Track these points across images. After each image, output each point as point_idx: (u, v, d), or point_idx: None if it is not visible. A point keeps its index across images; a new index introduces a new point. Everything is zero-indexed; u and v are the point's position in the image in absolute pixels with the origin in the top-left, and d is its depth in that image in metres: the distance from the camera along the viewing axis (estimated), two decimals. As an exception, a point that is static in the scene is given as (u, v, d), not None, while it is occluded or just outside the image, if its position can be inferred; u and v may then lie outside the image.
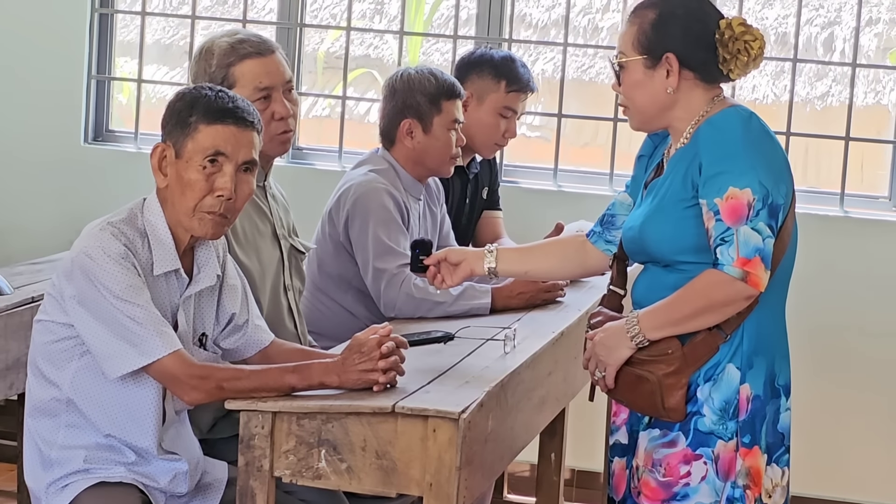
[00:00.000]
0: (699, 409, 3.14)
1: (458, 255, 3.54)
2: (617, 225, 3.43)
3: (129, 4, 6.00)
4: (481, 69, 4.64)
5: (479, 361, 3.35)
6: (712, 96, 3.22)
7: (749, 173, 3.06)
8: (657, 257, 3.21)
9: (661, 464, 3.17)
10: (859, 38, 5.49)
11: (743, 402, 3.14)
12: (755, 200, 3.04)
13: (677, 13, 3.19)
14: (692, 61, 3.18)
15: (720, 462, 3.14)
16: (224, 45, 3.61)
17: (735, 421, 3.14)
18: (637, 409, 3.23)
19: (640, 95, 3.22)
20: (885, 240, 5.28)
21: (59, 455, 3.11)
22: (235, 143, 3.11)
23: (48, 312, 3.11)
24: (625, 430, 3.31)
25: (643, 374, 3.14)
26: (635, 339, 3.13)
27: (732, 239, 3.03)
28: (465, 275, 3.52)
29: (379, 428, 2.91)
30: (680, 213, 3.14)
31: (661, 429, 3.18)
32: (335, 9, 6.56)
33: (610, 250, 3.44)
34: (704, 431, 3.14)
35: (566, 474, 4.79)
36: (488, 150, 4.72)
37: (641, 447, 3.22)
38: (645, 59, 3.19)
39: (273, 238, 3.70)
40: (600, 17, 6.41)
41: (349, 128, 5.86)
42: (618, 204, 3.46)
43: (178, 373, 3.01)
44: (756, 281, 3.03)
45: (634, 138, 3.54)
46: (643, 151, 3.40)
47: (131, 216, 3.12)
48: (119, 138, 5.88)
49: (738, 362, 3.14)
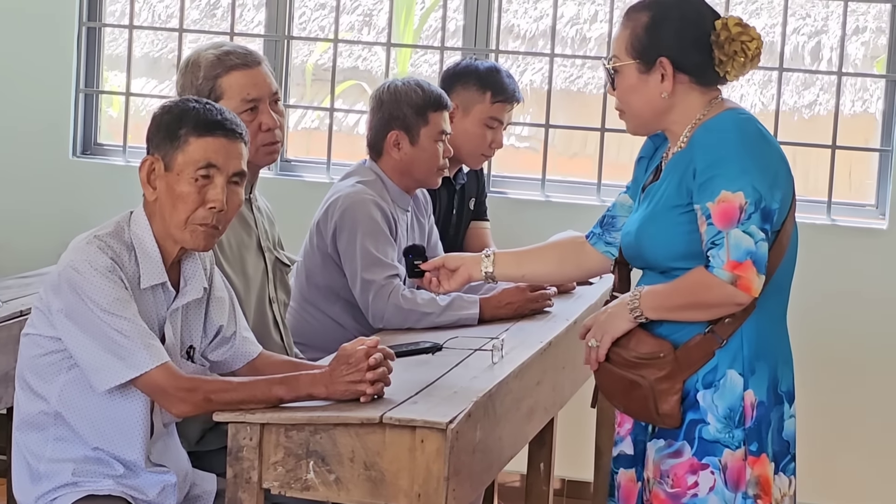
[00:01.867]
0: (703, 417, 3.09)
1: (455, 261, 3.52)
2: (617, 227, 3.39)
3: (117, 18, 6.00)
4: (466, 80, 4.64)
5: (467, 372, 3.35)
6: (709, 99, 3.17)
7: (742, 177, 3.01)
8: (653, 263, 3.18)
9: (669, 475, 3.12)
10: (846, 47, 5.51)
11: (748, 409, 3.09)
12: (747, 204, 3.00)
13: (670, 16, 3.14)
14: (686, 65, 3.14)
15: (729, 471, 3.08)
16: (210, 58, 3.61)
17: (741, 429, 3.08)
18: (632, 414, 3.19)
19: (635, 100, 3.18)
20: (871, 248, 5.29)
21: (48, 468, 3.11)
22: (226, 155, 3.11)
23: (36, 326, 3.11)
24: (629, 440, 3.26)
25: (635, 379, 3.10)
26: (634, 312, 3.10)
27: (723, 242, 2.99)
28: (463, 280, 3.50)
29: (367, 439, 2.91)
30: (674, 219, 3.10)
31: (666, 438, 3.13)
32: (323, 21, 6.57)
33: (610, 252, 3.40)
34: (709, 440, 3.09)
35: (555, 484, 4.80)
36: (475, 161, 4.72)
37: (650, 458, 3.17)
38: (638, 64, 3.14)
39: (258, 250, 3.70)
40: (588, 27, 6.42)
41: (337, 140, 5.87)
42: (618, 205, 3.42)
43: (165, 385, 3.01)
44: (747, 285, 2.99)
45: (623, 148, 3.55)
46: (643, 153, 3.35)
47: (118, 229, 3.12)
48: (107, 152, 5.88)
49: (739, 368, 3.08)
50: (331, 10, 6.26)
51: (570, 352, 3.99)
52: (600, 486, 4.92)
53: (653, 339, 3.10)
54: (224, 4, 6.45)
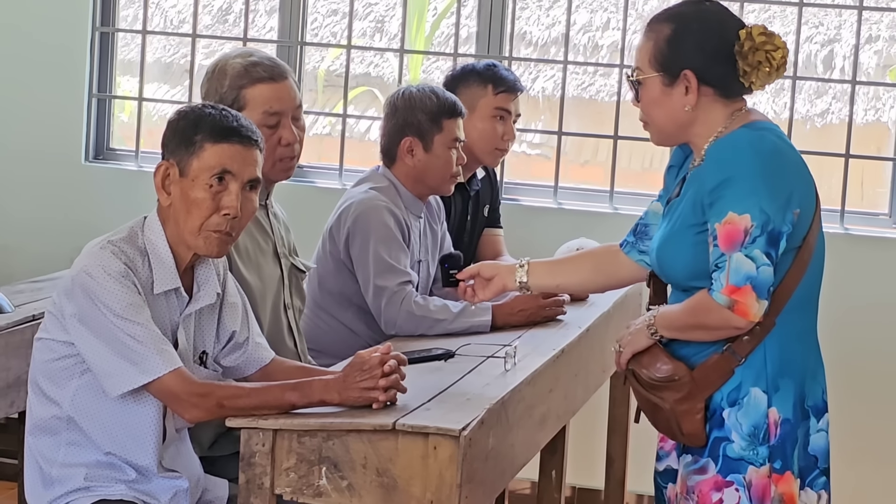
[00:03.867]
0: (727, 435, 3.08)
1: (490, 270, 3.50)
2: (650, 235, 3.34)
3: (129, 23, 6.01)
4: (466, 80, 4.63)
5: (479, 379, 3.35)
6: (732, 111, 3.12)
7: (750, 198, 2.97)
8: (673, 281, 3.18)
9: (695, 491, 3.12)
10: (859, 56, 5.50)
11: (772, 427, 3.07)
12: (753, 227, 2.97)
13: (692, 27, 3.10)
14: (710, 77, 3.09)
15: (753, 489, 3.07)
16: (238, 67, 3.60)
17: (766, 446, 3.07)
18: (663, 432, 3.21)
19: (658, 113, 3.15)
20: (885, 257, 5.28)
21: (60, 473, 3.11)
22: (241, 162, 3.12)
23: (49, 331, 3.11)
24: (675, 455, 3.24)
25: (656, 402, 3.12)
26: (651, 329, 3.13)
27: (724, 265, 2.97)
28: (497, 289, 3.47)
29: (380, 445, 2.91)
30: (692, 238, 3.08)
31: (693, 454, 3.13)
32: (335, 27, 6.57)
33: (644, 261, 3.36)
34: (734, 458, 3.07)
35: (567, 492, 4.79)
36: (492, 158, 4.69)
37: (679, 474, 3.19)
38: (662, 77, 3.11)
39: (274, 256, 3.70)
40: (600, 34, 6.42)
41: (349, 146, 5.87)
42: (651, 213, 3.37)
43: (178, 391, 3.01)
44: (744, 310, 2.97)
45: (635, 156, 3.55)
46: (673, 161, 3.30)
47: (132, 234, 3.13)
48: (120, 157, 5.88)
49: (763, 385, 3.07)
50: (343, 17, 6.26)
51: (582, 359, 3.98)
52: (611, 494, 4.92)
53: (669, 362, 3.11)
54: (237, 10, 6.46)
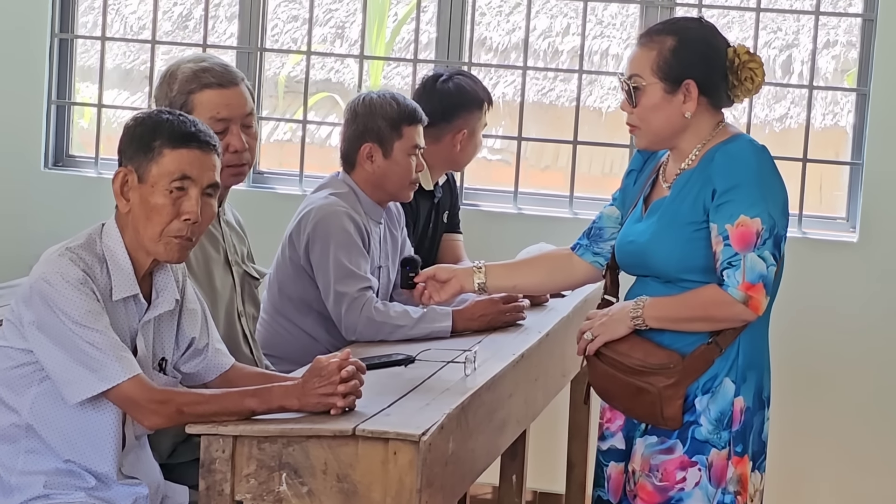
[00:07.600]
0: (697, 419, 3.32)
1: (447, 273, 3.67)
2: (605, 237, 3.57)
3: (89, 29, 5.99)
4: (463, 104, 4.66)
5: (439, 384, 3.35)
6: (717, 121, 3.36)
7: (760, 204, 3.22)
8: (660, 273, 3.35)
9: (658, 469, 3.36)
10: (816, 61, 5.54)
11: (737, 414, 3.33)
12: (763, 230, 3.22)
13: (695, 40, 3.32)
14: (709, 88, 3.32)
15: (713, 469, 3.33)
16: (188, 72, 3.60)
17: (728, 431, 3.32)
18: (635, 416, 3.39)
19: (655, 118, 3.34)
20: (842, 261, 5.32)
21: (19, 481, 3.10)
22: (200, 167, 3.11)
23: (7, 338, 3.10)
24: (621, 435, 3.47)
25: (644, 386, 3.30)
26: (635, 320, 3.31)
27: (739, 264, 3.21)
28: (454, 291, 3.65)
29: (339, 451, 2.91)
30: (689, 234, 3.29)
31: (659, 436, 3.36)
32: (296, 33, 6.57)
33: (598, 262, 3.58)
34: (700, 440, 3.33)
35: (527, 496, 4.80)
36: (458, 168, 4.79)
37: (638, 453, 3.40)
38: (664, 85, 3.30)
39: (225, 265, 3.69)
40: (560, 40, 6.44)
41: (310, 152, 5.87)
42: (605, 217, 3.59)
43: (137, 397, 3.01)
44: (757, 305, 3.22)
45: (595, 161, 3.59)
46: (633, 166, 3.53)
47: (90, 241, 3.12)
48: (79, 163, 5.87)
49: (733, 376, 3.32)
50: (303, 23, 6.26)
51: (542, 364, 3.99)
52: (572, 498, 4.93)
53: (662, 351, 3.30)
54: (196, 16, 6.45)
